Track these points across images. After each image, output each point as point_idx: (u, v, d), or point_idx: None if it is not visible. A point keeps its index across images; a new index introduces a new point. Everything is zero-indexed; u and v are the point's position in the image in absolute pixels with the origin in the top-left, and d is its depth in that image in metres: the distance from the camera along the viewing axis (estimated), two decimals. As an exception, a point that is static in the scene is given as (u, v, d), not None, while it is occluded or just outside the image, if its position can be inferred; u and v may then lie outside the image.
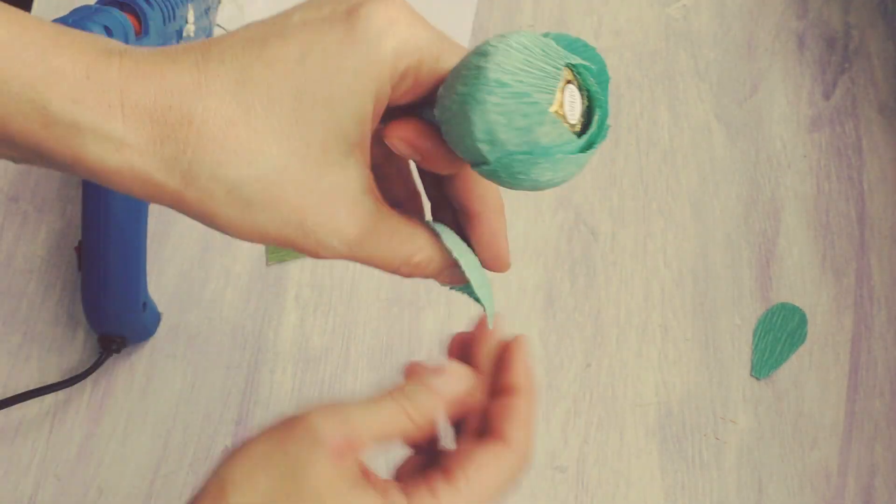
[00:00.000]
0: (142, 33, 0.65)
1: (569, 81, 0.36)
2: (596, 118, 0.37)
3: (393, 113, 0.39)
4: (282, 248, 0.39)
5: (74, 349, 0.70)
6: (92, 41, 0.36)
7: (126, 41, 0.62)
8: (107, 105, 0.35)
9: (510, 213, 0.76)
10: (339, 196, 0.37)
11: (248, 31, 0.37)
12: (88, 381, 0.68)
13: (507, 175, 0.36)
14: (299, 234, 0.37)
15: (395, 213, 0.40)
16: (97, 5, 0.63)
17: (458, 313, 0.72)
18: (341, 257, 0.39)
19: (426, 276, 0.43)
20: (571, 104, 0.36)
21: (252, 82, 0.35)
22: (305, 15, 0.36)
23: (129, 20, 0.63)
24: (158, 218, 0.74)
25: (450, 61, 0.37)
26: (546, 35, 0.36)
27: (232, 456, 0.38)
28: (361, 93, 0.36)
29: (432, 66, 0.37)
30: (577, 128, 0.36)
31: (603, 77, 0.37)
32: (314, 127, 0.36)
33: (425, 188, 0.45)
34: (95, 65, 0.35)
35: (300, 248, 0.38)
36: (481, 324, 0.46)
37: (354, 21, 0.35)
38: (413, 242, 0.41)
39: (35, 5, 0.81)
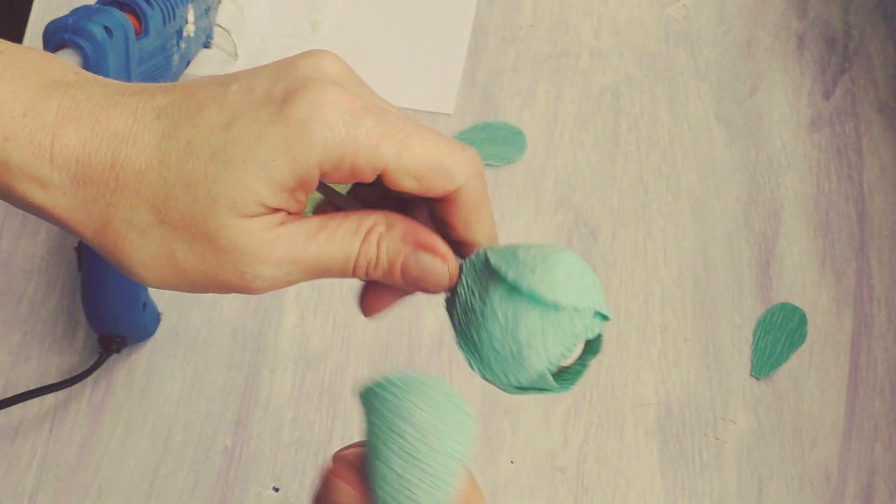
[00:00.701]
0: (142, 33, 0.65)
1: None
2: (576, 370, 0.41)
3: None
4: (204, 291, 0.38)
5: (74, 349, 0.70)
6: (43, 71, 0.38)
7: (126, 41, 0.62)
8: (38, 145, 0.36)
9: (510, 213, 0.76)
10: (258, 237, 0.37)
11: (194, 91, 0.38)
12: (88, 381, 0.68)
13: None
14: (219, 272, 0.37)
15: (330, 216, 0.39)
16: (97, 5, 0.63)
17: (458, 313, 0.72)
18: (282, 281, 0.38)
19: (397, 259, 0.39)
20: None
21: (175, 138, 0.37)
22: (246, 86, 0.37)
23: (129, 20, 0.63)
24: (158, 218, 0.74)
25: (389, 151, 0.37)
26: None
27: None
28: (280, 168, 0.36)
29: (370, 155, 0.37)
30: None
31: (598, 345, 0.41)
32: (225, 184, 0.36)
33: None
34: (35, 102, 0.37)
35: (223, 283, 0.37)
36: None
37: (288, 105, 0.36)
38: (359, 221, 0.39)
39: (35, 5, 0.81)
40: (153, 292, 0.71)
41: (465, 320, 0.39)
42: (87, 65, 0.60)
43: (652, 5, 0.85)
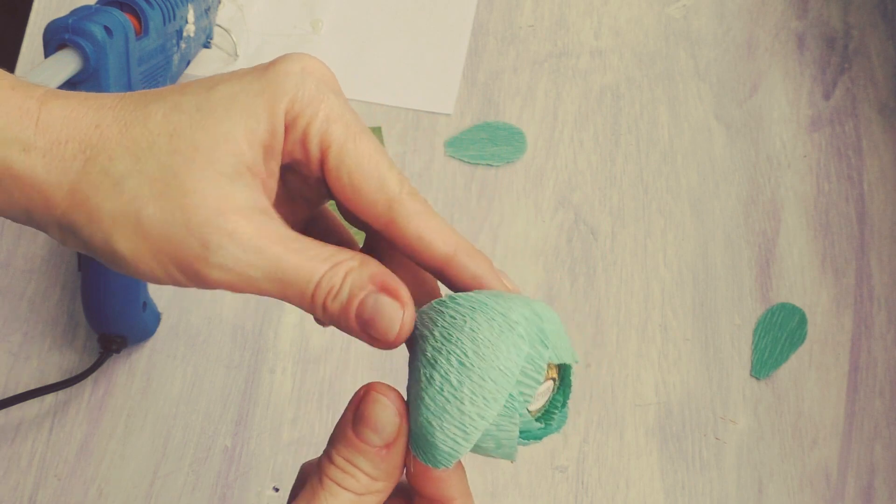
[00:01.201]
0: (142, 33, 0.65)
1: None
2: (554, 420, 0.39)
3: None
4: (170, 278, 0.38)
5: (74, 349, 0.70)
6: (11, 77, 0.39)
7: (126, 41, 0.62)
8: (25, 111, 0.38)
9: (510, 213, 0.76)
10: (229, 203, 0.37)
11: (180, 84, 0.39)
12: (88, 381, 0.68)
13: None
14: (184, 235, 0.36)
15: (309, 238, 0.39)
16: (97, 5, 0.63)
17: (458, 313, 0.72)
18: (240, 273, 0.37)
19: (351, 311, 0.38)
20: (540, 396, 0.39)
21: (162, 102, 0.38)
22: (231, 73, 0.39)
23: (129, 20, 0.63)
24: (158, 218, 0.74)
25: (339, 134, 0.38)
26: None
27: None
28: (256, 114, 0.37)
29: (322, 127, 0.38)
30: (538, 409, 0.39)
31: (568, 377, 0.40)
32: (206, 132, 0.37)
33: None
34: (24, 85, 0.39)
35: (184, 255, 0.36)
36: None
37: (270, 66, 0.38)
38: (334, 252, 0.38)
39: (35, 5, 0.81)
40: (153, 292, 0.71)
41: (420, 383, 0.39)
42: (87, 65, 0.60)
43: (652, 5, 0.85)
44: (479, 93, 0.81)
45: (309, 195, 0.42)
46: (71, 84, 0.59)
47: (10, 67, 0.79)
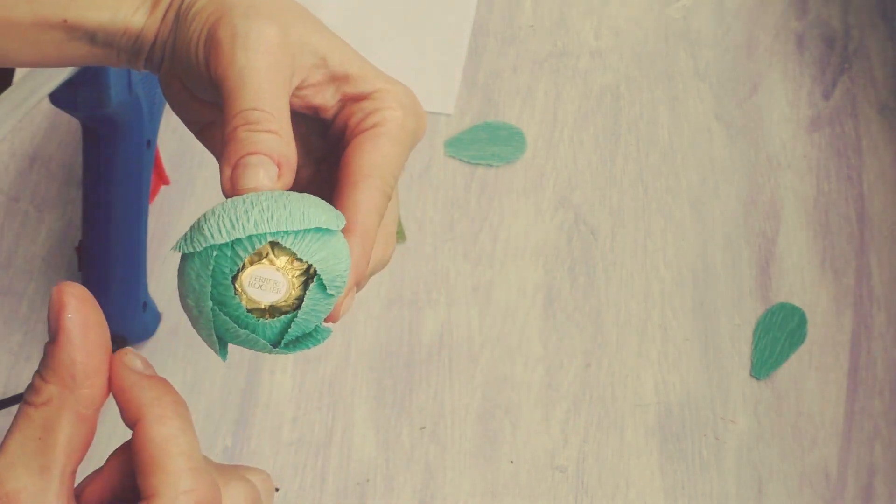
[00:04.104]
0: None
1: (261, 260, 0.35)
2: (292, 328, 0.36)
3: None
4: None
5: (74, 349, 0.70)
6: None
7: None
8: None
9: (510, 213, 0.76)
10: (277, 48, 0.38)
11: None
12: (88, 381, 0.68)
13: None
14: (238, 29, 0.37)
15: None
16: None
17: (458, 313, 0.73)
18: (229, 74, 0.37)
19: None
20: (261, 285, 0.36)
21: None
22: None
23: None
24: (158, 218, 0.74)
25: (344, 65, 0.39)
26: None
27: None
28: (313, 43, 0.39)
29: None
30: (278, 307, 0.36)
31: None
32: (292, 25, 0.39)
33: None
34: None
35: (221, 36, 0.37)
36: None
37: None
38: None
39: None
40: (153, 292, 0.71)
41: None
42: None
43: (652, 5, 0.85)
44: (479, 93, 0.81)
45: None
46: (71, 84, 0.59)
47: (11, 68, 0.79)
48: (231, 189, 0.36)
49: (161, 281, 0.72)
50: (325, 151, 0.42)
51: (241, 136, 0.36)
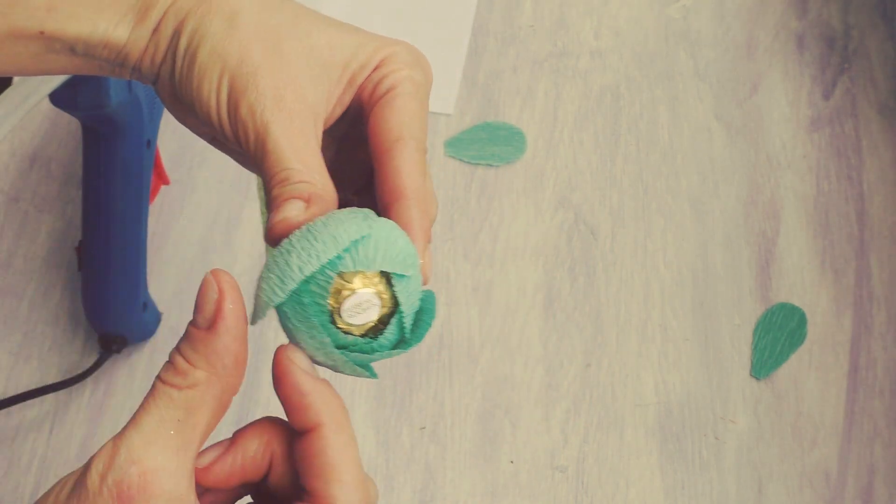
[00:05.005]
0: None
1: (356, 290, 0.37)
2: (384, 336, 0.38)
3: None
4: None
5: (74, 349, 0.70)
6: None
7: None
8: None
9: (510, 213, 0.76)
10: (297, 87, 0.39)
11: None
12: (88, 381, 0.68)
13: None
14: (252, 77, 0.38)
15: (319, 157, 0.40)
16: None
17: (458, 313, 0.73)
18: (248, 129, 0.38)
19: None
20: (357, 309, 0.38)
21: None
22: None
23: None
24: (158, 218, 0.74)
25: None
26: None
27: None
28: (340, 60, 0.40)
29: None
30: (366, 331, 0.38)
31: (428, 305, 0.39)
32: (298, 41, 0.40)
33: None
34: None
35: (240, 89, 0.38)
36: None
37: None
38: (318, 170, 0.39)
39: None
40: (153, 292, 0.71)
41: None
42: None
43: (652, 5, 0.85)
44: (479, 93, 0.81)
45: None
46: (71, 84, 0.59)
47: (10, 67, 0.79)
48: (268, 233, 0.38)
49: (161, 281, 0.72)
50: (344, 130, 0.43)
51: (275, 193, 0.38)
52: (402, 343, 0.38)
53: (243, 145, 0.39)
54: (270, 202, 0.38)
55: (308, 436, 0.36)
